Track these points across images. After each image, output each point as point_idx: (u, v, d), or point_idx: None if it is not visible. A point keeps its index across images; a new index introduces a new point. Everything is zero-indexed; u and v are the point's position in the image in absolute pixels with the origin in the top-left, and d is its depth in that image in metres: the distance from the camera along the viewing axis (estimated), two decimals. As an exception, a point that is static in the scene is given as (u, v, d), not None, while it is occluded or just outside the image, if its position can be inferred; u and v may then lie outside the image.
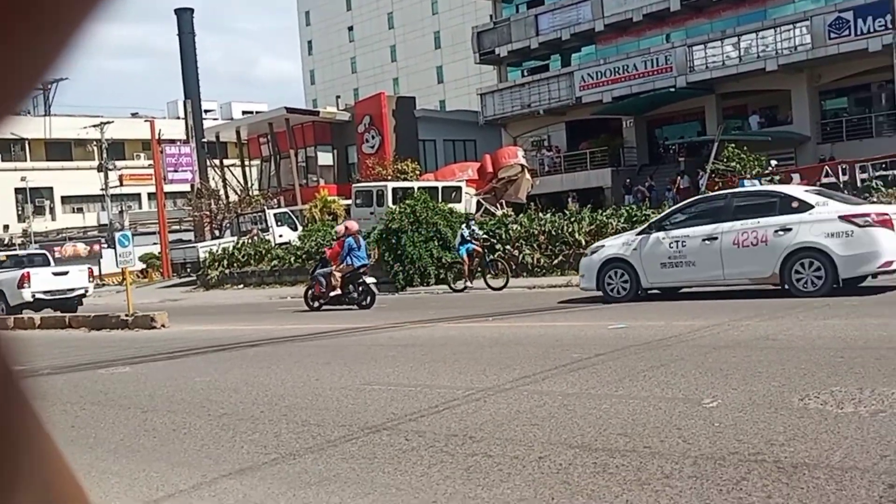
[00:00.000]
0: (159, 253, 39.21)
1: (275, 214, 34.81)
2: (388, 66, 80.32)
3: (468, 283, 19.56)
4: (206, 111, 56.39)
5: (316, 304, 17.61)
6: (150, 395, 8.32)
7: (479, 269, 19.75)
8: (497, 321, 12.59)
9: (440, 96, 73.28)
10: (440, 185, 30.49)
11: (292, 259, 27.32)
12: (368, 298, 17.02)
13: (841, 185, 17.99)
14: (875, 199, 16.26)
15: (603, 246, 14.43)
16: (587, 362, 7.70)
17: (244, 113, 72.02)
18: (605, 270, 13.86)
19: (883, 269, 11.74)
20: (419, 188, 27.35)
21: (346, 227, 17.70)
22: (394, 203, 26.34)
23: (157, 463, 5.59)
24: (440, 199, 25.91)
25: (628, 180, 36.23)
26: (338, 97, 57.93)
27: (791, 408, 5.30)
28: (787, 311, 10.45)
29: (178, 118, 56.36)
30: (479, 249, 19.59)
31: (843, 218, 11.79)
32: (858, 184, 17.74)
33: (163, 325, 16.11)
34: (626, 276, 13.64)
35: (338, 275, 16.96)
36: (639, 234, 13.97)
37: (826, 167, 19.06)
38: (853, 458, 4.21)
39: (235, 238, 33.09)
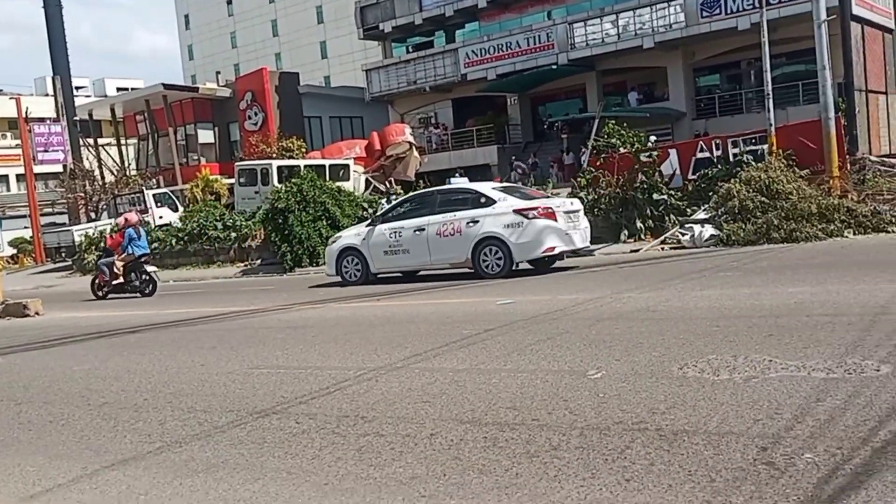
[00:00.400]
0: (31, 237, 37.31)
1: (154, 195, 33.65)
2: (269, 40, 78.63)
3: None
4: (77, 88, 53.83)
5: (101, 292, 18.31)
6: (25, 385, 7.93)
7: None
8: (388, 300, 12.58)
9: (325, 72, 72.29)
10: (327, 162, 30.17)
11: (173, 241, 26.50)
12: (151, 287, 17.93)
13: (714, 160, 18.72)
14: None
15: (340, 237, 16.28)
16: (477, 338, 7.79)
17: (119, 90, 69.24)
18: (342, 258, 15.75)
19: (546, 253, 13.87)
20: (306, 166, 26.99)
21: (126, 219, 18.40)
22: (279, 182, 25.93)
23: (33, 456, 5.34)
24: (328, 178, 25.63)
25: (513, 157, 36.74)
26: (218, 73, 56.30)
27: (671, 377, 5.51)
28: (667, 283, 10.85)
29: (48, 95, 53.56)
30: None
31: (517, 211, 13.84)
32: (731, 158, 18.50)
33: (37, 313, 15.38)
34: (358, 262, 15.57)
35: (120, 264, 17.78)
36: (367, 225, 15.83)
37: (701, 142, 19.78)
38: (729, 423, 4.41)
39: (113, 220, 31.84)
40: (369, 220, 16.37)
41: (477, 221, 14.08)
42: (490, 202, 14.18)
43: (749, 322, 7.22)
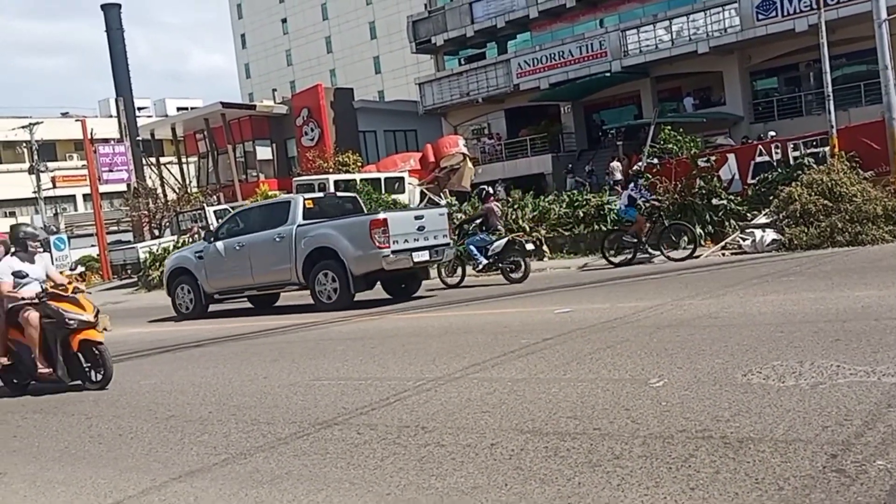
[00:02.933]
0: (98, 255, 38.26)
1: (215, 211, 34.26)
2: (323, 57, 79.65)
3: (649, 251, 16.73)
4: (139, 109, 55.21)
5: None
6: (94, 400, 8.15)
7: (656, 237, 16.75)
8: (444, 310, 12.60)
9: (378, 87, 72.95)
10: (383, 176, 30.37)
11: (235, 256, 26.90)
12: None
13: (774, 163, 18.37)
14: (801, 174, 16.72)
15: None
16: (535, 347, 7.76)
17: (179, 109, 70.82)
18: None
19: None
20: (361, 180, 27.23)
21: None
22: (336, 196, 26.11)
23: (104, 469, 5.48)
24: (383, 191, 25.83)
25: (570, 165, 36.56)
26: (274, 90, 57.38)
27: (735, 384, 5.42)
28: (728, 289, 10.67)
29: (111, 116, 55.07)
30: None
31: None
32: (791, 161, 18.14)
33: (105, 329, 15.69)
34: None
35: None
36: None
37: (760, 146, 19.44)
38: (796, 430, 4.32)
39: (175, 237, 32.52)
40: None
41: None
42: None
43: (814, 327, 7.06)
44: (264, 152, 44.77)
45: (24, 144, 58.73)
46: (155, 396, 7.88)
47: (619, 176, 30.05)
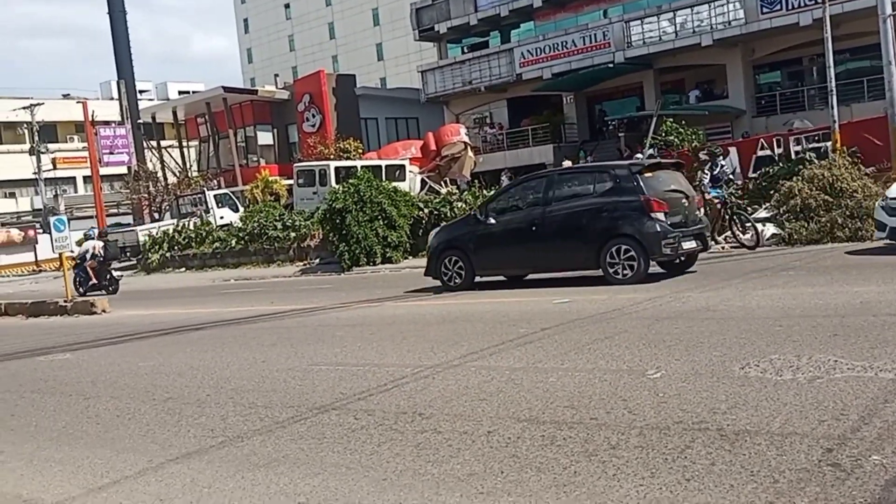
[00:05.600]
0: (97, 237, 38.25)
1: (215, 196, 34.26)
2: (326, 43, 79.41)
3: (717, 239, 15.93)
4: (140, 91, 55.05)
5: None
6: (93, 381, 8.16)
7: (724, 221, 16.10)
8: (443, 298, 12.61)
9: (381, 74, 72.76)
10: (384, 163, 30.33)
11: (234, 241, 26.96)
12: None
13: (776, 157, 18.36)
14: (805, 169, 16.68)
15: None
16: (533, 336, 7.78)
17: (180, 93, 70.69)
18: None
19: None
20: (362, 167, 27.16)
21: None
22: (337, 182, 26.13)
23: (101, 449, 5.50)
24: (384, 178, 25.78)
25: (564, 157, 36.21)
26: (276, 75, 57.08)
27: (732, 376, 5.43)
28: (727, 282, 10.68)
29: (112, 99, 54.94)
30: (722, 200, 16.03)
31: None
32: (792, 156, 18.13)
33: (103, 311, 15.79)
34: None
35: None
36: None
37: (762, 140, 19.41)
38: (793, 423, 4.33)
39: (175, 220, 32.52)
40: None
41: None
42: None
43: (813, 322, 7.07)
44: (265, 137, 44.69)
45: (25, 125, 58.60)
46: (153, 378, 7.89)
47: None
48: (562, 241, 12.27)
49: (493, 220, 13.17)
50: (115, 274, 22.35)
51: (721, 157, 16.96)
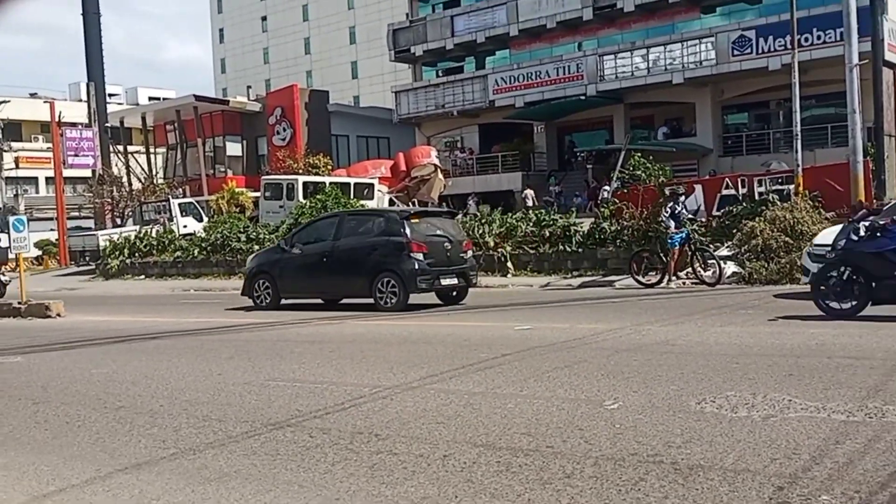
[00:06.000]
0: (56, 239, 37.65)
1: (179, 204, 33.94)
2: (301, 58, 79.31)
3: (672, 278, 15.90)
4: (110, 95, 54.50)
5: None
6: (43, 386, 8.00)
7: (686, 258, 15.98)
8: (405, 319, 12.58)
9: (354, 92, 72.76)
10: (352, 181, 30.33)
11: (196, 251, 26.66)
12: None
13: (739, 197, 18.64)
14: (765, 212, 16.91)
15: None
16: (493, 362, 7.77)
17: (151, 99, 70.04)
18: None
19: None
20: (331, 183, 27.15)
21: None
22: (304, 197, 26.07)
23: (48, 456, 5.38)
24: (352, 196, 25.78)
25: (526, 186, 36.17)
26: (249, 87, 56.89)
27: (688, 411, 5.47)
28: (687, 317, 10.79)
29: (81, 101, 54.20)
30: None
31: None
32: (756, 196, 18.41)
33: (58, 315, 15.52)
34: None
35: None
36: None
37: (727, 179, 19.71)
38: (745, 460, 4.37)
39: (138, 227, 32.12)
40: None
41: None
42: None
43: (769, 360, 7.16)
44: (234, 148, 44.45)
45: (-11, 122, 57.62)
46: (106, 386, 7.75)
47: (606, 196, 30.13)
48: (345, 272, 14.30)
49: (296, 251, 15.07)
50: (3, 278, 22.00)
51: (683, 197, 17.18)
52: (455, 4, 43.15)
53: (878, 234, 9.68)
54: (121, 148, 45.13)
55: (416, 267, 13.54)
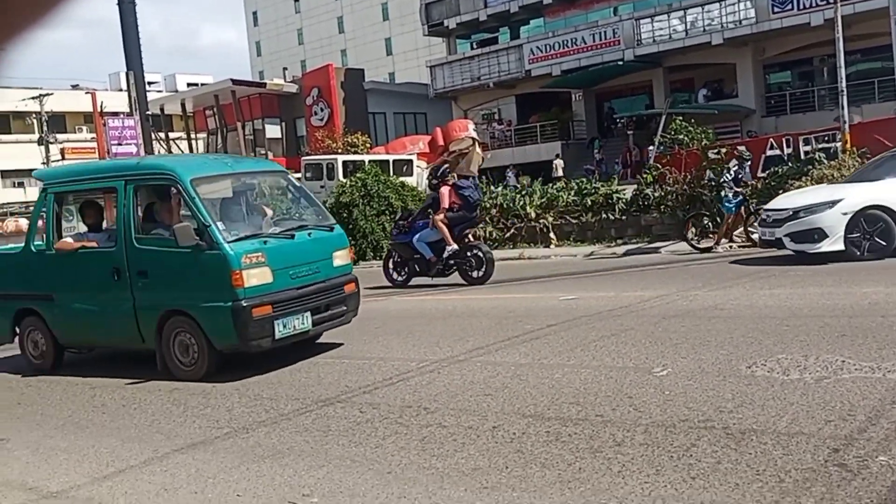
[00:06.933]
0: (103, 228, 38.38)
1: (222, 188, 34.28)
2: (335, 37, 79.30)
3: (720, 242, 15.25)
4: (149, 83, 54.99)
5: None
6: (100, 370, 8.17)
7: (744, 220, 15.38)
8: (450, 293, 12.60)
9: (389, 68, 72.63)
10: (391, 158, 30.29)
11: (241, 233, 26.94)
12: None
13: (785, 157, 18.27)
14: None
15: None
16: (539, 333, 7.76)
17: (189, 85, 70.72)
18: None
19: None
20: (370, 161, 27.14)
21: None
22: (344, 176, 26.11)
23: (106, 439, 5.51)
24: (391, 173, 25.74)
25: (556, 156, 35.79)
26: (285, 69, 57.04)
27: (739, 375, 5.41)
28: (735, 281, 10.65)
29: (121, 90, 54.84)
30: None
31: None
32: (802, 156, 18.04)
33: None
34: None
35: None
36: None
37: (771, 139, 19.34)
38: (799, 423, 4.31)
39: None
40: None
41: None
42: None
43: (821, 322, 7.04)
44: (273, 131, 44.70)
45: (34, 115, 58.66)
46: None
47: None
48: None
49: None
50: None
51: (748, 162, 16.82)
52: (487, -25, 42.74)
53: None
54: (162, 135, 45.65)
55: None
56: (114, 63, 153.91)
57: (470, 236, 13.72)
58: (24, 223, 44.11)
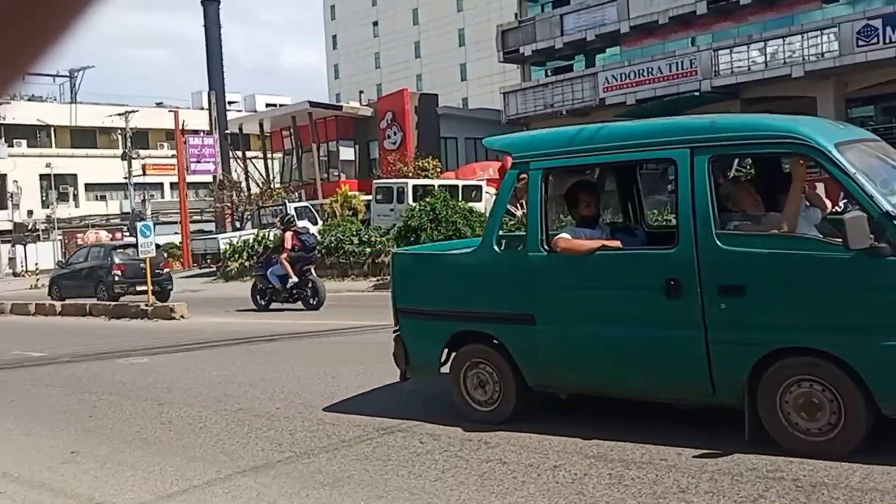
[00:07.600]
0: (180, 243, 39.39)
1: (295, 208, 34.87)
2: (411, 62, 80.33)
3: None
4: (230, 103, 56.60)
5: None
6: (168, 387, 8.36)
7: None
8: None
9: (463, 94, 73.17)
10: (461, 183, 30.46)
11: (311, 253, 27.35)
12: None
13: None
14: None
15: None
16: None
17: (268, 105, 72.38)
18: None
19: None
20: (439, 186, 27.34)
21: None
22: (414, 200, 26.34)
23: (172, 457, 5.61)
24: (460, 198, 25.87)
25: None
26: (361, 92, 57.98)
27: (810, 424, 5.23)
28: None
29: (202, 109, 56.59)
30: None
31: None
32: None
33: (182, 316, 16.17)
34: None
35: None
36: None
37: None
38: (873, 479, 4.15)
39: (256, 230, 33.21)
40: None
41: None
42: None
43: None
44: (347, 153, 45.37)
45: (119, 131, 60.75)
46: (226, 388, 8.04)
47: None
48: None
49: None
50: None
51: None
52: (564, 3, 42.73)
53: None
54: (240, 153, 46.76)
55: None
56: (197, 81, 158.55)
57: (312, 270, 16.65)
58: (104, 236, 45.70)
